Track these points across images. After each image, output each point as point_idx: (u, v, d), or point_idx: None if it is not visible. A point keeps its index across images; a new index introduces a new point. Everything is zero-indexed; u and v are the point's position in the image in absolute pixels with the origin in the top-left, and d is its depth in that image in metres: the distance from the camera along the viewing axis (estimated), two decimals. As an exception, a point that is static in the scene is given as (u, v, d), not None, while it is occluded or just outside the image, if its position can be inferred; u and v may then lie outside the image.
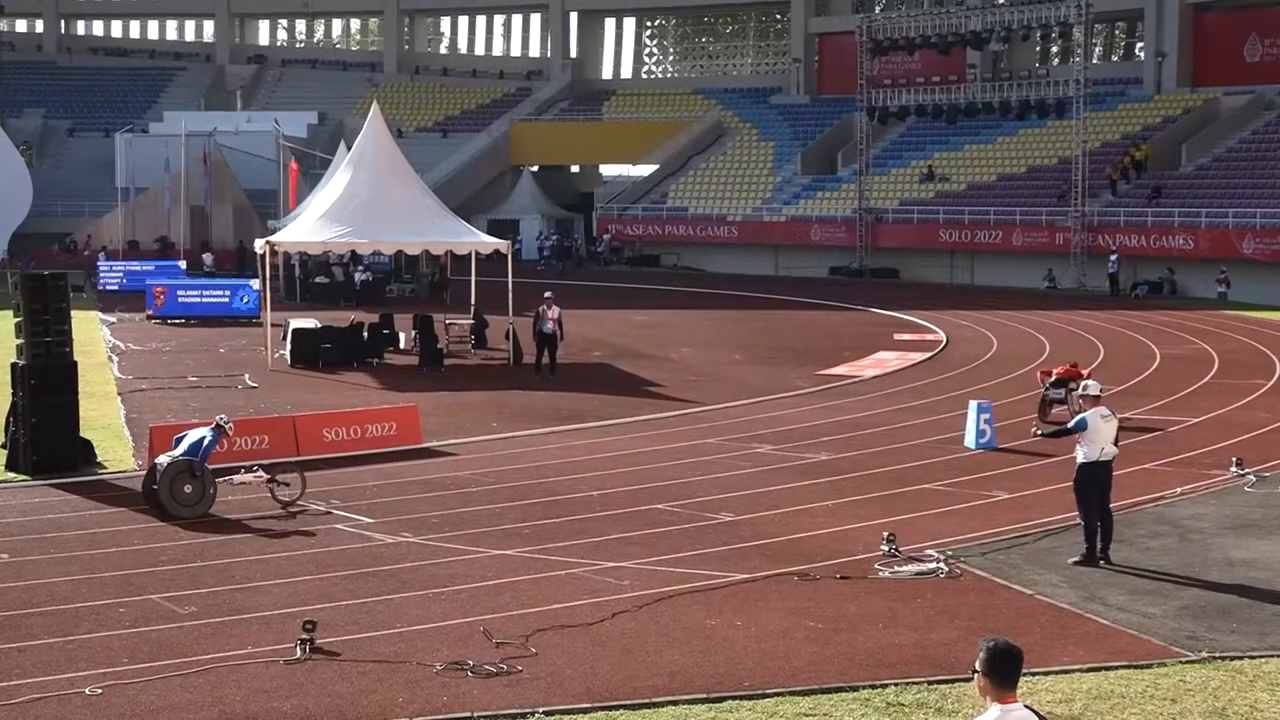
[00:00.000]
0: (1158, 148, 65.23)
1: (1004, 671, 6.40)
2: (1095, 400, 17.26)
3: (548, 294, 35.12)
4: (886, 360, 37.73)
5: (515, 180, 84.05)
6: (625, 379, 34.28)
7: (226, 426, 20.53)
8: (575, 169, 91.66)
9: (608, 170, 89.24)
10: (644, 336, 43.41)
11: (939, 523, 18.83)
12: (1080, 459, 17.00)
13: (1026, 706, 6.43)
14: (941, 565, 16.44)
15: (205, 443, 19.66)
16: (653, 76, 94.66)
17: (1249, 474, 22.00)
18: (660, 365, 36.80)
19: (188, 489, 19.19)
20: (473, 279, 40.69)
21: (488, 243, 38.10)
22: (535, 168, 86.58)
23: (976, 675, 6.52)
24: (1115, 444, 17.25)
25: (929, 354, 39.00)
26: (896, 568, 16.42)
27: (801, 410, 29.36)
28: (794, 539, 17.96)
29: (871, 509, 19.71)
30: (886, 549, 17.00)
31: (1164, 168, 64.16)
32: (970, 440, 24.81)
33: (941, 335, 43.25)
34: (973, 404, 25.33)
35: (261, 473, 20.21)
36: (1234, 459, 22.58)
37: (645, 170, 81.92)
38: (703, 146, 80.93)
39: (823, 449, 24.71)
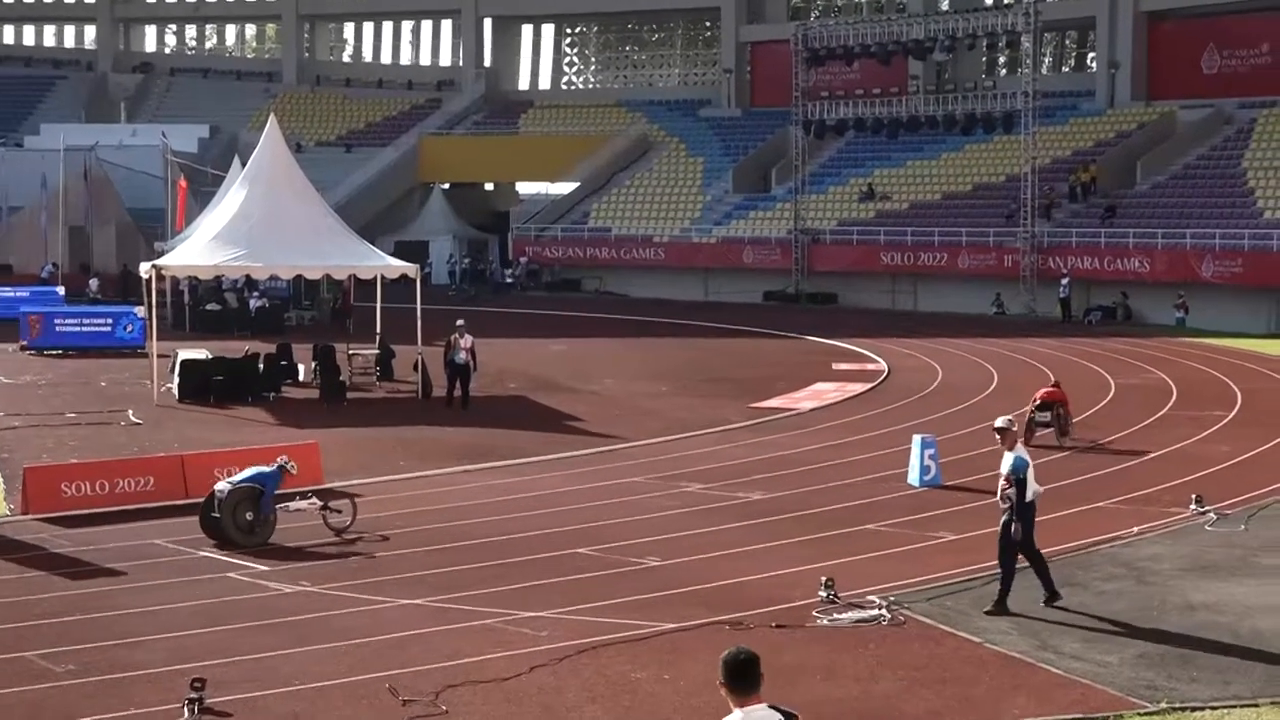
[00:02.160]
0: (1111, 164, 65.99)
1: (741, 678, 7.33)
2: (1016, 436, 17.19)
3: (460, 321, 35.02)
4: (825, 392, 37.83)
5: (424, 199, 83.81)
6: (543, 413, 34.20)
7: (290, 468, 21.36)
8: (489, 187, 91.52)
9: (524, 188, 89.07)
10: (564, 367, 43.33)
11: (881, 566, 18.82)
12: (1029, 498, 16.85)
13: (772, 706, 7.30)
14: (884, 612, 16.45)
15: (272, 476, 20.68)
16: (573, 88, 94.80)
17: (1209, 512, 22.14)
18: (581, 398, 36.77)
19: (249, 516, 20.23)
20: (378, 305, 40.48)
21: (394, 266, 37.98)
22: (446, 185, 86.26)
23: (721, 687, 7.41)
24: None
25: (870, 385, 39.16)
26: (836, 615, 16.42)
27: (733, 446, 29.37)
28: (726, 585, 17.90)
29: (809, 552, 19.68)
30: (825, 595, 16.97)
31: (1118, 186, 64.87)
32: (914, 478, 24.88)
33: (883, 365, 43.41)
34: (916, 439, 25.42)
35: (316, 500, 21.23)
36: (1193, 496, 22.68)
37: (565, 188, 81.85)
38: (627, 162, 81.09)
39: (756, 488, 24.70)
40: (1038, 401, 29.12)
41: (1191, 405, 34.71)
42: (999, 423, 17.28)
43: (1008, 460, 16.86)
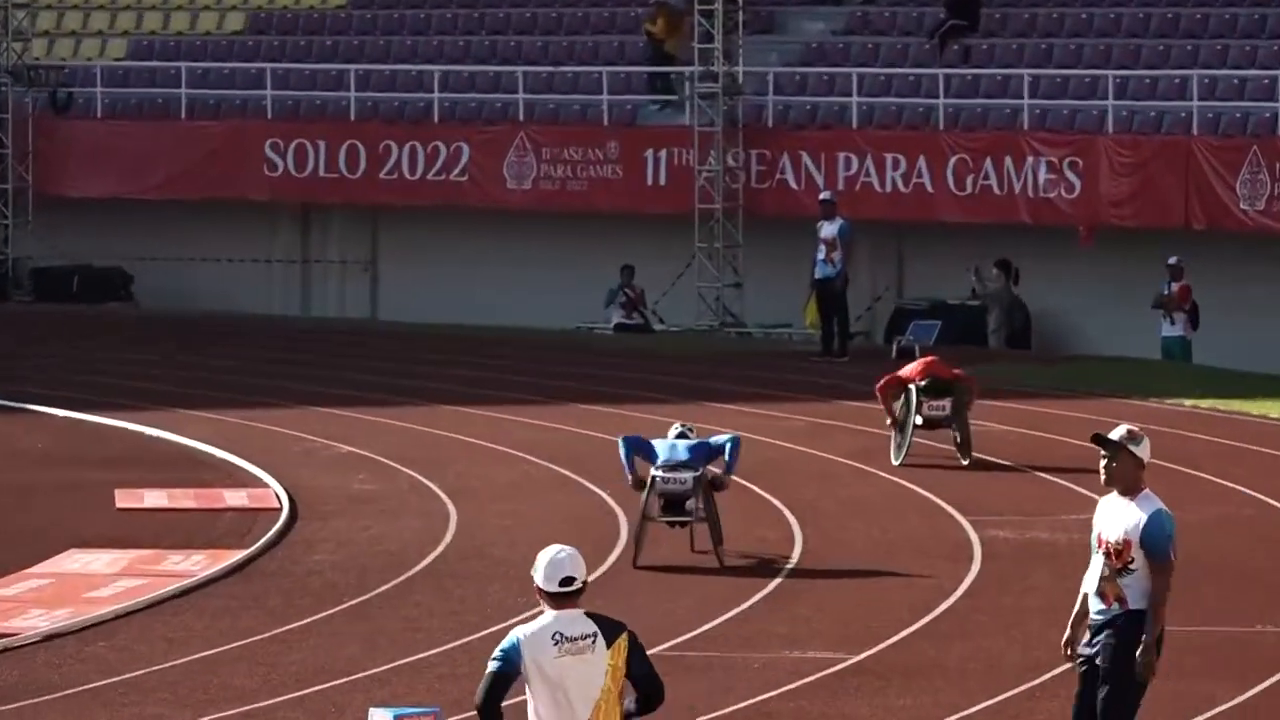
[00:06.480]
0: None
1: None
2: None
3: None
4: (88, 582, 38.15)
5: None
6: None
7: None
8: None
9: None
10: None
11: None
12: None
13: None
14: None
15: (731, 445, 38.94)
16: None
17: None
18: None
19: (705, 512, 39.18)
20: None
21: None
22: None
23: None
24: None
25: (230, 559, 39.16)
26: None
27: None
28: None
29: None
30: None
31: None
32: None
33: (277, 493, 44.60)
34: (379, 717, 22.38)
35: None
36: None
37: None
38: None
39: None
40: (920, 382, 41.30)
41: (1232, 608, 34.32)
42: None
43: None
